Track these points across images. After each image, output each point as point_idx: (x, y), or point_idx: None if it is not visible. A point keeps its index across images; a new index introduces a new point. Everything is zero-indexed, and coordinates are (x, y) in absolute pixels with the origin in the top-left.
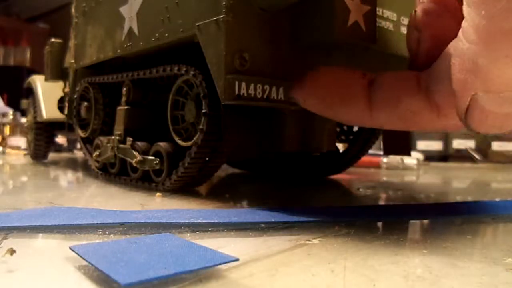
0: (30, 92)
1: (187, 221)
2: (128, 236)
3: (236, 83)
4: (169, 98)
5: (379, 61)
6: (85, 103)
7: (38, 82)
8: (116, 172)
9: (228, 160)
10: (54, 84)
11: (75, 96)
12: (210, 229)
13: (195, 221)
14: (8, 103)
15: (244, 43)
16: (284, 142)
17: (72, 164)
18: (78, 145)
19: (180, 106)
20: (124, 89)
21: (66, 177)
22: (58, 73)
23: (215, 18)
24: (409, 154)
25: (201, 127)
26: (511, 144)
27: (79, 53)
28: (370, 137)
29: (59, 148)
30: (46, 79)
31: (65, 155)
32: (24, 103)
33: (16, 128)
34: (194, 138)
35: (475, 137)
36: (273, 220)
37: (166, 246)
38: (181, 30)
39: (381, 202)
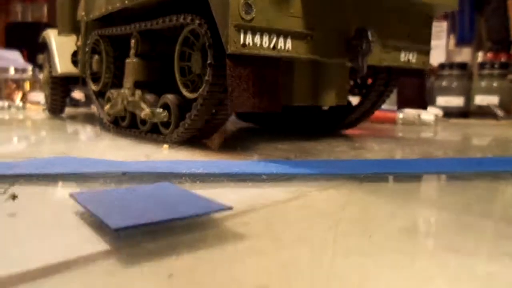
0: (45, 47)
1: (187, 171)
2: (128, 185)
3: (242, 31)
4: (176, 49)
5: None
6: (96, 56)
7: (52, 36)
8: (126, 125)
9: (237, 113)
10: (68, 38)
11: (87, 49)
12: (211, 180)
13: (195, 171)
14: (28, 59)
15: None
16: (293, 95)
17: (89, 119)
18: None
19: (186, 57)
20: (133, 41)
21: (81, 131)
22: (71, 27)
23: None
24: (425, 108)
25: (206, 78)
26: None
27: (89, 5)
28: (384, 90)
29: (76, 103)
30: (59, 33)
31: (82, 110)
32: (40, 58)
33: (35, 84)
34: (200, 90)
35: (498, 93)
36: (274, 171)
37: (163, 194)
38: None
39: (393, 157)
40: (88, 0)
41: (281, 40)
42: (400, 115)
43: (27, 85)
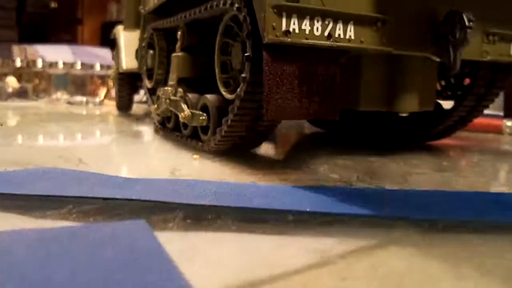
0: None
1: (184, 201)
2: (91, 220)
3: (284, 14)
4: (217, 41)
5: None
6: (151, 51)
7: (121, 32)
8: (172, 127)
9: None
10: (135, 33)
11: (143, 44)
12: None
13: (192, 202)
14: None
15: None
16: (360, 97)
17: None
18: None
19: (229, 50)
20: (179, 33)
21: (136, 130)
22: (135, 21)
23: None
24: None
25: (244, 75)
26: None
27: None
28: (486, 93)
29: (145, 101)
30: (124, 28)
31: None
32: (112, 54)
33: None
34: (238, 90)
35: None
36: (306, 209)
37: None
38: None
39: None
40: None
41: (339, 26)
42: (508, 123)
43: (111, 82)
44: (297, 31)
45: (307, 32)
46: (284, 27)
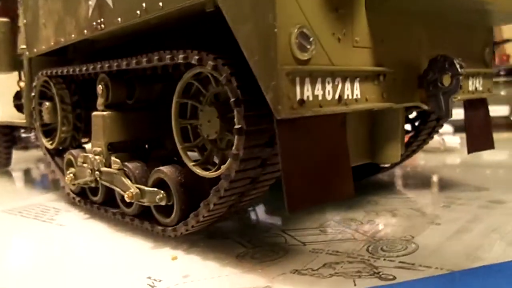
0: None
1: None
2: None
3: (298, 81)
4: (173, 102)
5: None
6: (47, 103)
7: None
8: (100, 201)
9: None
10: (8, 76)
11: (33, 94)
12: None
13: None
14: None
15: (306, 10)
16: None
17: (40, 168)
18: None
19: (189, 112)
20: (100, 86)
21: (34, 204)
22: (10, 62)
23: None
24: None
25: (235, 151)
26: None
27: (32, 35)
28: (436, 126)
29: (26, 145)
30: None
31: (33, 153)
32: None
33: None
34: (223, 168)
35: (508, 101)
36: None
37: None
38: None
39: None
40: (30, 29)
41: (347, 86)
42: (446, 139)
43: None
44: (311, 98)
45: (319, 98)
46: (298, 96)
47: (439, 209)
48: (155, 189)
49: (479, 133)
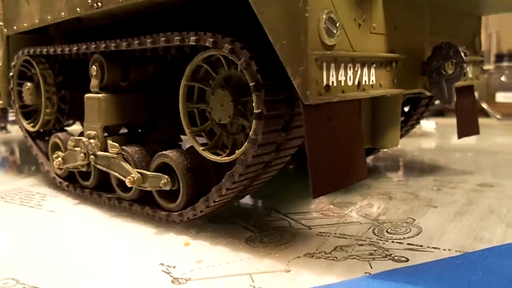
0: None
1: None
2: None
3: (325, 66)
4: (181, 86)
5: None
6: (28, 84)
7: None
8: (92, 186)
9: None
10: None
11: (11, 74)
12: None
13: None
14: None
15: None
16: None
17: (12, 153)
18: (11, 117)
19: (196, 96)
20: (94, 67)
21: (7, 187)
22: None
23: None
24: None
25: (253, 136)
26: None
27: (11, 11)
28: (424, 111)
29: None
30: None
31: (12, 134)
32: None
33: None
34: (239, 153)
35: (477, 87)
36: None
37: None
38: None
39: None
40: (9, 5)
41: (365, 71)
42: (424, 124)
43: None
44: (335, 84)
45: (342, 83)
46: (325, 82)
47: (432, 193)
48: (159, 174)
49: (468, 119)
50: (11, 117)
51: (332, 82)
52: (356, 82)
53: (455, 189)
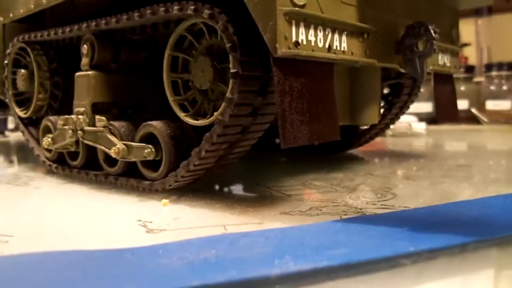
0: None
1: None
2: None
3: (294, 22)
4: (165, 56)
5: None
6: (22, 71)
7: None
8: (80, 165)
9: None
10: None
11: (6, 62)
12: None
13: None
14: None
15: None
16: None
17: (6, 152)
18: (11, 125)
19: (180, 67)
20: (85, 46)
21: (6, 174)
22: None
23: None
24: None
25: (229, 95)
26: (506, 102)
27: (6, 0)
28: (407, 101)
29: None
30: None
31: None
32: None
33: None
34: (217, 114)
35: (468, 96)
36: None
37: None
38: None
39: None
40: None
41: (336, 37)
42: (391, 126)
43: None
44: (305, 42)
45: (312, 43)
46: (294, 38)
47: (413, 172)
48: (143, 144)
49: (446, 105)
50: (11, 124)
51: (302, 40)
52: (327, 46)
53: (435, 169)
